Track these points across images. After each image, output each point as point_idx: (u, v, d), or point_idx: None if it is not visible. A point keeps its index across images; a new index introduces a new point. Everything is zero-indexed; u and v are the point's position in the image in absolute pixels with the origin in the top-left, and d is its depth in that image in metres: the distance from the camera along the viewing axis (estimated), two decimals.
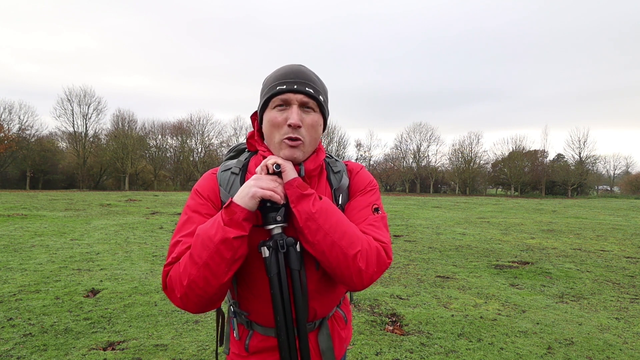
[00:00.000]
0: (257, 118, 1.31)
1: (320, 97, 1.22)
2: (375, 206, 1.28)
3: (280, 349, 1.14)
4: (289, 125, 1.16)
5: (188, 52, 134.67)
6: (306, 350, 1.15)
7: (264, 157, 1.22)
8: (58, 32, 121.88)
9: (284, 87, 1.17)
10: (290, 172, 1.16)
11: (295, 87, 1.17)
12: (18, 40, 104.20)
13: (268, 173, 1.16)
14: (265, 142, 1.26)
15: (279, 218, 1.14)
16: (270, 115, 1.20)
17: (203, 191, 1.24)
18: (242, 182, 1.23)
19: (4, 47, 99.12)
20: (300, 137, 1.17)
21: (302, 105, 1.19)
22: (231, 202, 1.10)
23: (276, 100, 1.19)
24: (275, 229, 1.15)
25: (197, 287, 1.07)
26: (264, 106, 1.23)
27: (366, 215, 1.25)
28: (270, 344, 1.23)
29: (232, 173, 1.25)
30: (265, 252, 1.13)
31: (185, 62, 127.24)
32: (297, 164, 1.21)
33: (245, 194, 1.10)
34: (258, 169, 1.17)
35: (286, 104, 1.18)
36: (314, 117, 1.21)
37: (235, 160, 1.31)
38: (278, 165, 1.15)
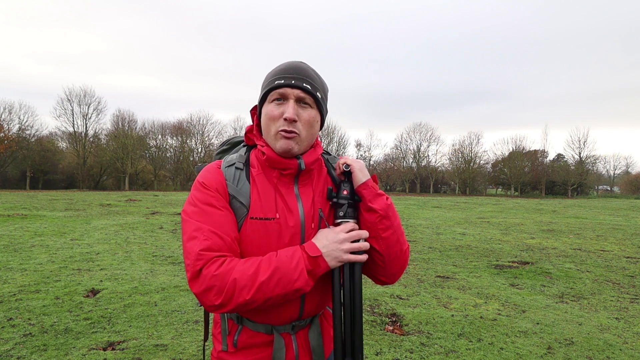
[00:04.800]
0: (256, 112, 1.32)
1: (318, 93, 1.23)
2: None
3: (335, 337, 1.20)
4: (285, 119, 1.17)
5: (188, 52, 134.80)
6: (360, 338, 1.21)
7: (263, 152, 1.23)
8: (59, 32, 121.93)
9: (282, 81, 1.19)
10: (359, 173, 1.23)
11: (292, 82, 1.19)
12: (19, 41, 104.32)
13: (340, 173, 1.27)
14: (263, 135, 1.27)
15: (341, 213, 1.23)
16: (267, 108, 1.22)
17: (211, 184, 1.21)
18: (247, 176, 1.24)
19: (4, 47, 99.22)
20: (295, 131, 1.19)
21: (299, 101, 1.20)
22: (320, 255, 1.14)
23: (274, 94, 1.20)
24: (342, 223, 1.24)
25: (245, 306, 1.10)
26: (263, 100, 1.25)
27: None
28: (260, 340, 1.23)
29: (237, 168, 1.26)
30: None
31: (185, 62, 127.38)
32: (294, 157, 1.22)
33: (334, 256, 1.15)
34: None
35: (283, 98, 1.20)
36: (311, 113, 1.22)
37: (236, 155, 1.31)
38: (347, 165, 1.23)
